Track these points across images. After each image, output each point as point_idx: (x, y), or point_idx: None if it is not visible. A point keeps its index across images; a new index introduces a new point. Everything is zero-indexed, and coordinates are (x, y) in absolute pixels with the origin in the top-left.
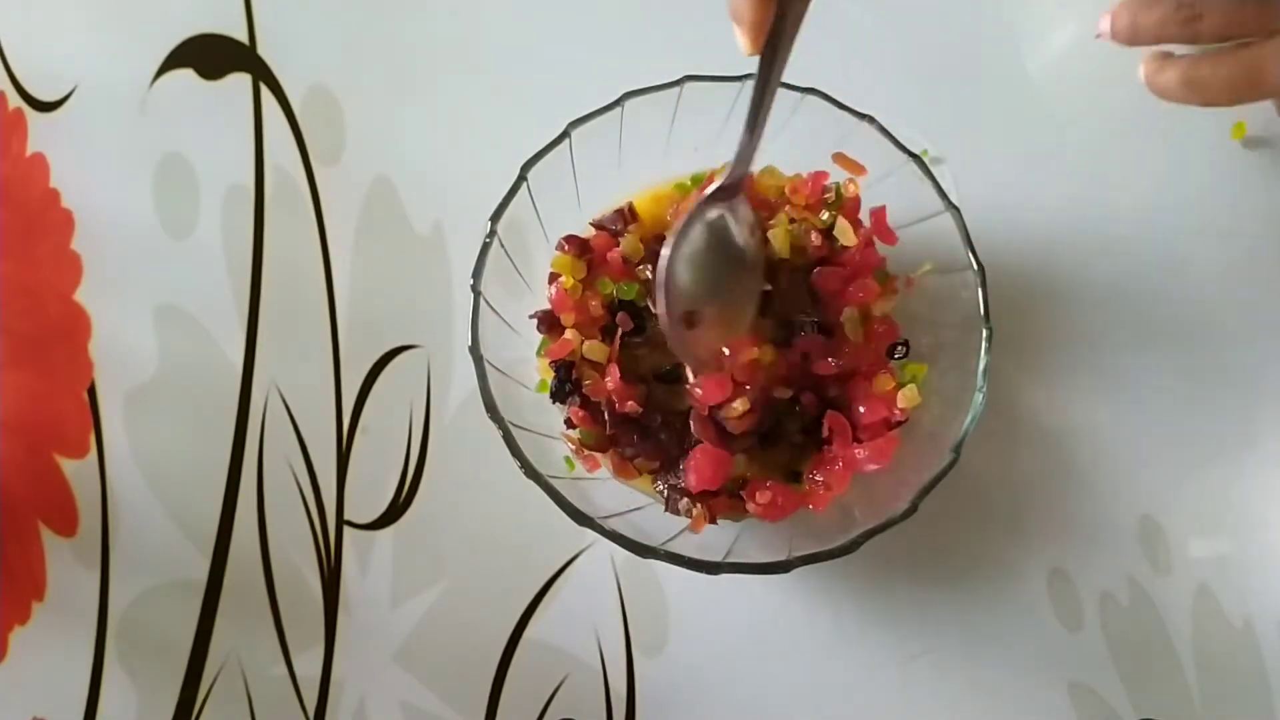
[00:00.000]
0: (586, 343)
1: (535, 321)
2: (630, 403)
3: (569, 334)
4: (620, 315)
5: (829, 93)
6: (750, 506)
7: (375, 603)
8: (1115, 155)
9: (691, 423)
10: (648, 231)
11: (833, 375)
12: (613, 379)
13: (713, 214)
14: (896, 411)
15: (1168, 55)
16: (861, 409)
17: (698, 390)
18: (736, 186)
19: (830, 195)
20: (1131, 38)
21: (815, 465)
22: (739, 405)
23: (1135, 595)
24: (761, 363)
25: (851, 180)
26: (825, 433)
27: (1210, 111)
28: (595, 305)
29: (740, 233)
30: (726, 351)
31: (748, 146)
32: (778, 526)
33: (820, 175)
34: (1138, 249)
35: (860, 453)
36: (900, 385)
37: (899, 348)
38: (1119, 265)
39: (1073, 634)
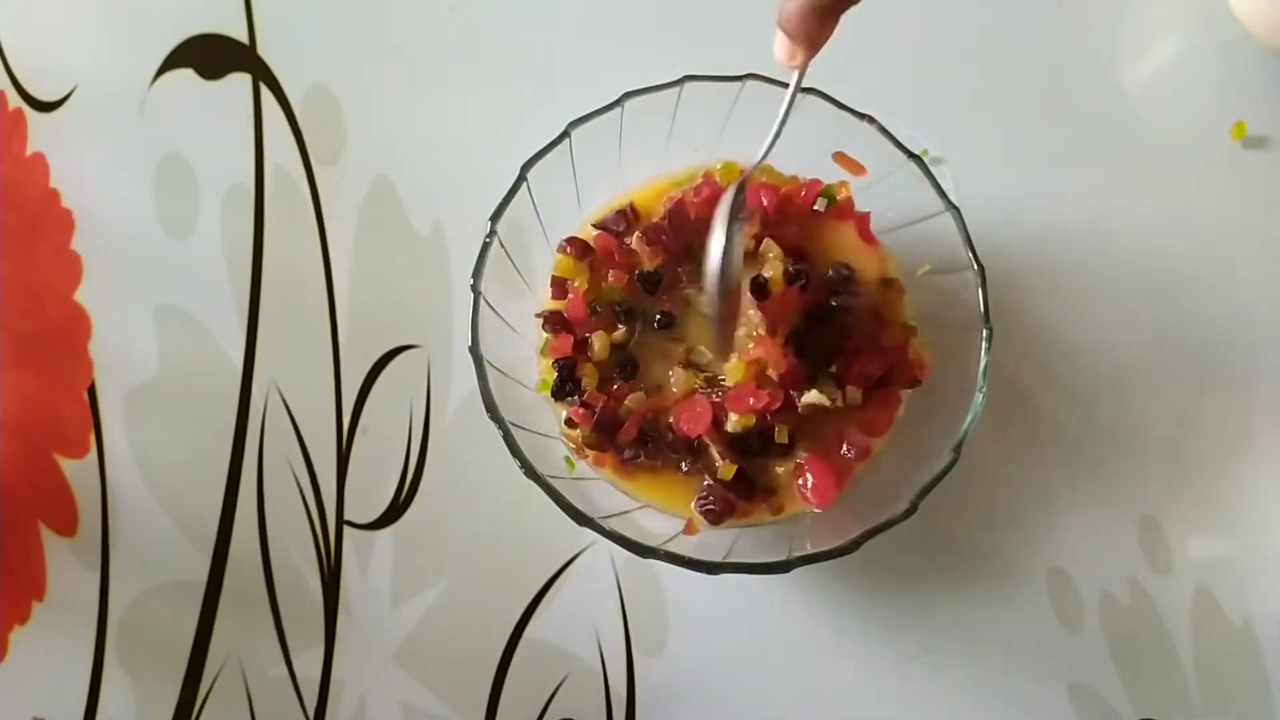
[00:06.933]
0: (597, 345)
1: (540, 321)
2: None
3: (595, 343)
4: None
5: (829, 93)
6: (794, 502)
7: (375, 603)
8: (1115, 155)
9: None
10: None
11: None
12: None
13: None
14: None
15: None
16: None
17: (681, 424)
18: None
19: (823, 200)
20: None
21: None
22: (739, 420)
23: (1135, 595)
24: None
25: (843, 183)
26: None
27: (1210, 112)
28: (603, 308)
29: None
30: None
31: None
32: (778, 527)
33: (814, 184)
34: (1137, 248)
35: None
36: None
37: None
38: (1119, 265)
39: (1073, 634)
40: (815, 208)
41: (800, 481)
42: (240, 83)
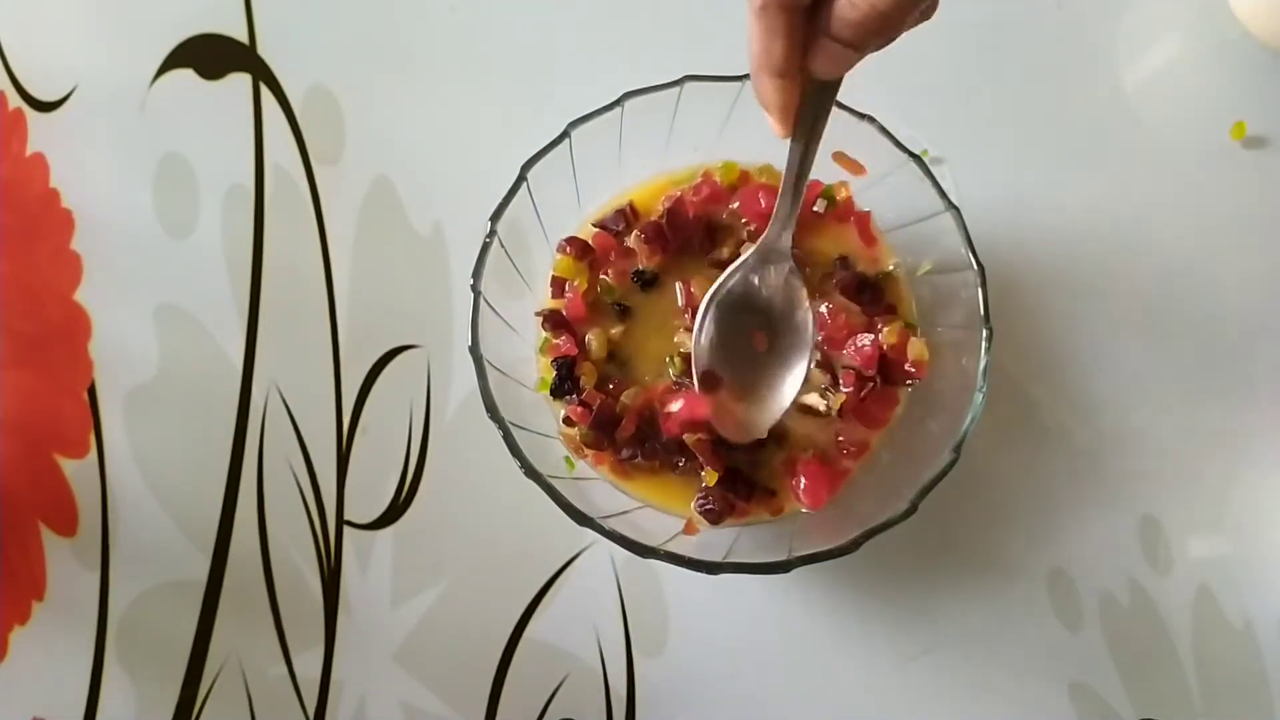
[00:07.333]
0: (595, 343)
1: (540, 320)
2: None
3: (593, 341)
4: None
5: None
6: (793, 502)
7: (375, 603)
8: (1115, 155)
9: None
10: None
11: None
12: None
13: (752, 276)
14: (896, 356)
15: None
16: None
17: (666, 426)
18: (779, 250)
19: (823, 201)
20: None
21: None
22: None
23: (1135, 595)
24: None
25: (843, 184)
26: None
27: (1210, 112)
28: (601, 306)
29: (782, 295)
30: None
31: (788, 214)
32: (778, 527)
33: (814, 184)
34: (1138, 249)
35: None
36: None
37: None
38: (1119, 265)
39: (1073, 634)
40: (815, 208)
41: (794, 481)
42: (240, 83)
